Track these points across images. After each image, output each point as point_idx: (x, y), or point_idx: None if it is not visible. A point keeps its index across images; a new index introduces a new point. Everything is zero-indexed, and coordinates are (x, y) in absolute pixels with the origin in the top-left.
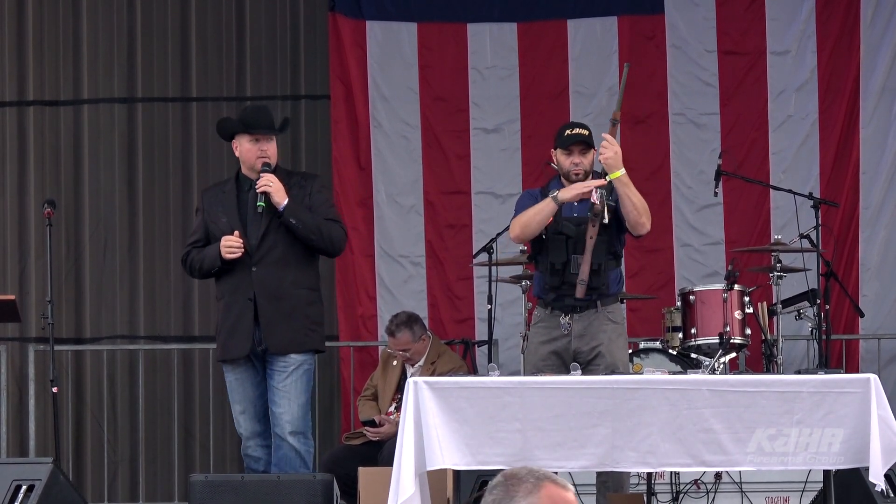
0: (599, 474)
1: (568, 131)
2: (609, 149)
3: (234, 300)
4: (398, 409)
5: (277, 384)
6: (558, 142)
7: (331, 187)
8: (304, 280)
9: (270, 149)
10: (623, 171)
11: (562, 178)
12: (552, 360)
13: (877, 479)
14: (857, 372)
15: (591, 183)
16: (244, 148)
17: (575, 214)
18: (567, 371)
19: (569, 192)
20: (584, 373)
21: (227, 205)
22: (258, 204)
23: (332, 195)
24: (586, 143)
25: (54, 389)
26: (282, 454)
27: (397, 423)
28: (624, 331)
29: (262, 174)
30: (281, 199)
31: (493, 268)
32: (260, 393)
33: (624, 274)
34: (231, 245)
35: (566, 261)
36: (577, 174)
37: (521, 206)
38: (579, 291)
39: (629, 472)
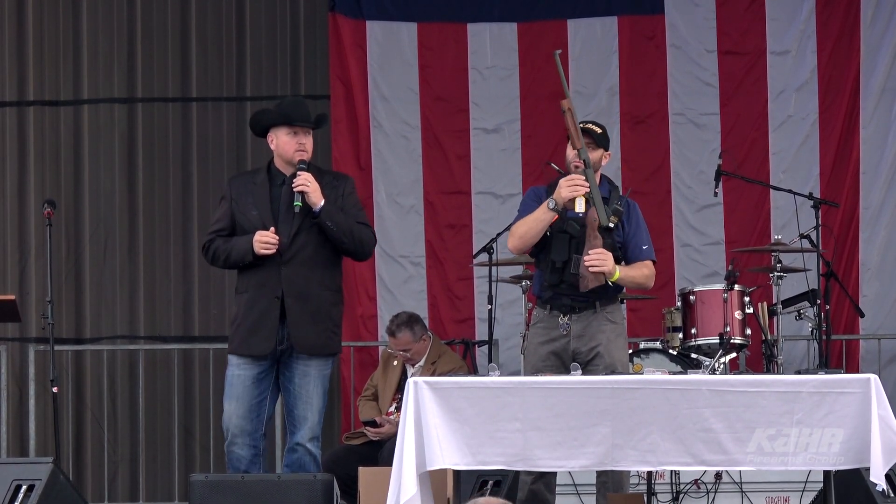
0: (599, 474)
1: (581, 124)
2: (599, 259)
3: (258, 296)
4: (398, 409)
5: (298, 388)
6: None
7: None
8: (330, 281)
9: (308, 143)
10: (617, 270)
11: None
12: (552, 360)
13: (877, 479)
14: (857, 372)
15: (578, 179)
16: (281, 140)
17: (580, 214)
18: (567, 371)
19: (561, 193)
20: (584, 373)
21: (258, 197)
22: (295, 203)
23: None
24: (594, 140)
25: (54, 389)
26: (297, 457)
27: (397, 423)
28: (623, 331)
29: (298, 172)
30: (318, 199)
31: (493, 268)
32: (259, 392)
33: None
34: (267, 241)
35: (567, 259)
36: (576, 166)
37: (524, 206)
38: (582, 285)
39: (629, 472)
